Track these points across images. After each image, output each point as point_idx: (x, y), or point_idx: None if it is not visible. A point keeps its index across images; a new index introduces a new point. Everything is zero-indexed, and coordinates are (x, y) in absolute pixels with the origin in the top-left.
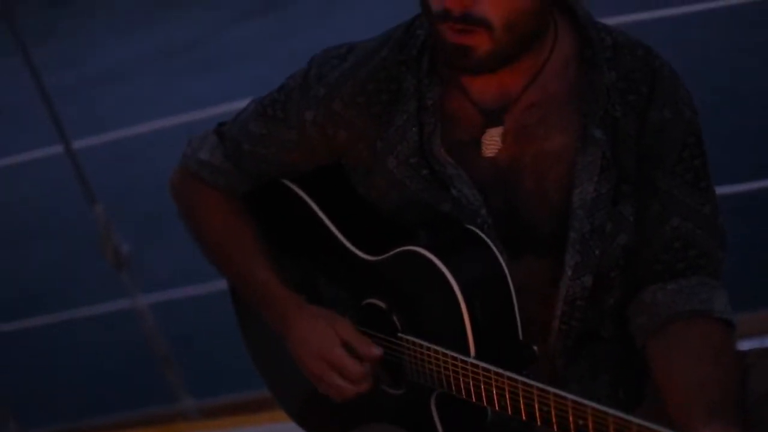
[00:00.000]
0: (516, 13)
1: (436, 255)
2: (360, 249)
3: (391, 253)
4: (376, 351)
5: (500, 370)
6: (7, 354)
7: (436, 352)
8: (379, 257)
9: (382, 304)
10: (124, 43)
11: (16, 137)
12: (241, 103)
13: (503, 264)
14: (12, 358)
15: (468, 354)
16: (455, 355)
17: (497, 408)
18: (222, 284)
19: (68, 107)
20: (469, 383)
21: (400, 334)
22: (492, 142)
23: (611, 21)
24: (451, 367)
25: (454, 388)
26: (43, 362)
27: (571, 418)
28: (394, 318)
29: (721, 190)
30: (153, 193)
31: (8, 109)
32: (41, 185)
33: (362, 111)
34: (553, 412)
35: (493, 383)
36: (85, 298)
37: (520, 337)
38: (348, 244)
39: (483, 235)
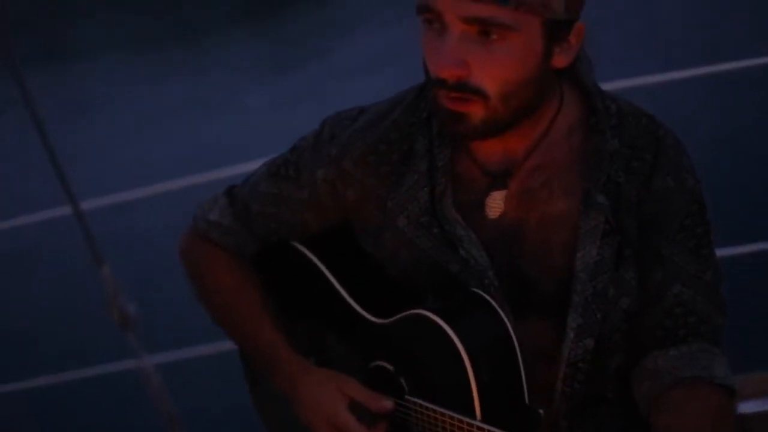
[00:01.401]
0: (512, 84)
1: (443, 319)
2: (368, 311)
3: (399, 316)
4: (387, 403)
5: None
6: (13, 413)
7: (443, 414)
8: (387, 320)
9: (389, 367)
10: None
11: (23, 197)
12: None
13: (510, 328)
14: (18, 418)
15: (474, 417)
16: (462, 417)
17: None
18: (228, 344)
19: (76, 167)
20: None
21: (407, 397)
22: (496, 204)
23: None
24: (457, 430)
25: None
26: (49, 422)
27: None
28: (402, 380)
29: (723, 251)
30: (160, 253)
31: (14, 168)
32: (47, 243)
33: (372, 170)
34: None
35: None
36: (90, 358)
37: (526, 400)
38: (356, 306)
39: (490, 299)
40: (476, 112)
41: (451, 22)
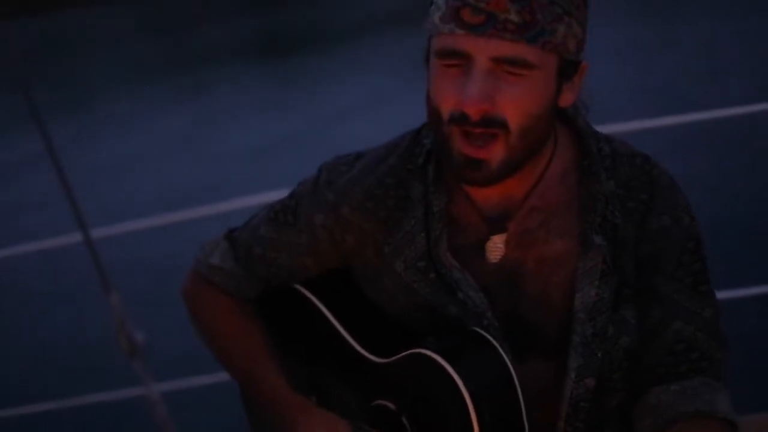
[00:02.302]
0: (531, 117)
1: (444, 358)
2: (369, 351)
3: (400, 355)
4: None
5: None
6: None
7: None
8: (389, 359)
9: (391, 406)
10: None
11: (34, 224)
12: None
13: (510, 367)
14: None
15: None
16: None
17: None
18: None
19: (88, 194)
20: None
21: None
22: (496, 248)
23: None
24: None
25: None
26: None
27: None
28: (404, 419)
29: (723, 294)
30: (168, 281)
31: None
32: (56, 270)
33: (370, 216)
34: None
35: None
36: (97, 385)
37: None
38: (357, 346)
39: (490, 338)
40: (496, 154)
41: (479, 61)
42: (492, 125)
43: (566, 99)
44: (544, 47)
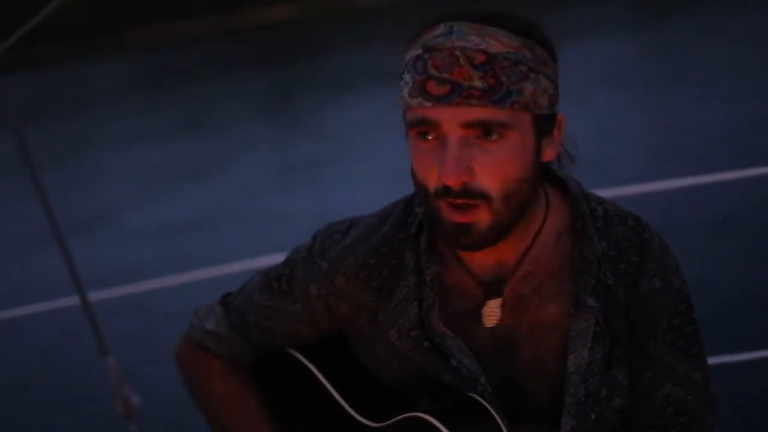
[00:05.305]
0: (512, 182)
1: (440, 421)
2: (363, 415)
3: (395, 419)
4: None
5: None
6: None
7: None
8: (383, 423)
9: None
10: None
11: (26, 286)
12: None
13: (505, 431)
14: None
15: None
16: None
17: None
18: None
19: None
20: None
21: None
22: (492, 313)
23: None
24: None
25: None
26: None
27: None
28: None
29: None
30: (163, 343)
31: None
32: (51, 334)
33: (364, 285)
34: None
35: None
36: None
37: None
38: (351, 411)
39: (485, 403)
40: (482, 219)
41: (450, 130)
42: (473, 196)
43: (548, 154)
44: (513, 107)
